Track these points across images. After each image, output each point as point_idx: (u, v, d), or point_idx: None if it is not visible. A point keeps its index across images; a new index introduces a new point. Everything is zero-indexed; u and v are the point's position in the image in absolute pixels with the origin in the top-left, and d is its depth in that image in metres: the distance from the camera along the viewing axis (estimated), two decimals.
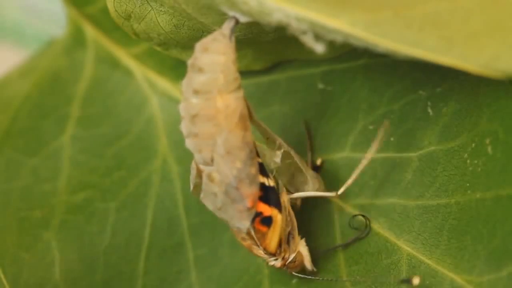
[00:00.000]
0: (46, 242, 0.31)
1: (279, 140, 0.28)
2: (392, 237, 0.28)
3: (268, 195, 0.27)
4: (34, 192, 0.32)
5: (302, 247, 0.28)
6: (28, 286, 0.30)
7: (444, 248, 0.26)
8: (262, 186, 0.26)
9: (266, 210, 0.27)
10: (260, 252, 0.27)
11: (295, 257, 0.28)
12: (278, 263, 0.28)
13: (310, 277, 0.28)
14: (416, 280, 0.26)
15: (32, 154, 0.33)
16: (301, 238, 0.28)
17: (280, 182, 0.28)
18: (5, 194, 0.32)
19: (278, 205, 0.27)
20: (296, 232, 0.28)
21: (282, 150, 0.28)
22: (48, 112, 0.33)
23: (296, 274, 0.28)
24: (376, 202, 0.28)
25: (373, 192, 0.28)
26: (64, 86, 0.34)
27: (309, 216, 0.29)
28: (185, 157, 0.31)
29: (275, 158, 0.28)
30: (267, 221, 0.27)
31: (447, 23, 0.22)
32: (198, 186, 0.27)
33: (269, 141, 0.28)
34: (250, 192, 0.26)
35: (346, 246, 0.28)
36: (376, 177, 0.28)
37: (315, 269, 0.28)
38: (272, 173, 0.28)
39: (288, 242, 0.28)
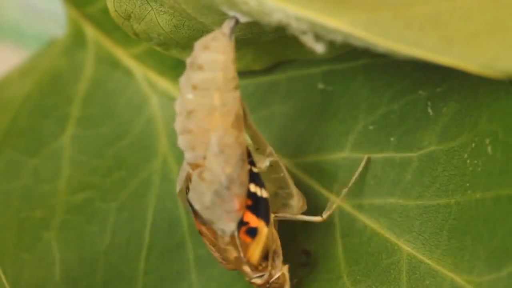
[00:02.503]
0: (46, 242, 0.31)
1: (270, 149, 0.27)
2: (392, 237, 0.28)
3: (258, 206, 0.26)
4: (34, 192, 0.32)
5: (285, 271, 0.27)
6: (29, 286, 0.30)
7: (444, 248, 0.26)
8: (254, 196, 0.26)
9: (253, 221, 0.26)
10: (245, 267, 0.27)
11: (279, 277, 0.27)
12: (261, 280, 0.27)
13: None
14: None
15: (32, 154, 0.33)
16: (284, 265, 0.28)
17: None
18: (5, 194, 0.32)
19: (266, 218, 0.26)
20: (280, 252, 0.27)
21: (271, 159, 0.27)
22: (48, 112, 0.33)
23: None
24: (376, 202, 0.28)
25: (373, 192, 0.28)
26: (64, 86, 0.34)
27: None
28: None
29: (261, 164, 0.27)
30: (252, 232, 0.26)
31: (447, 23, 0.22)
32: (184, 190, 0.27)
33: (259, 151, 0.27)
34: (240, 193, 0.26)
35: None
36: (376, 177, 0.28)
37: None
38: None
39: (274, 260, 0.27)
